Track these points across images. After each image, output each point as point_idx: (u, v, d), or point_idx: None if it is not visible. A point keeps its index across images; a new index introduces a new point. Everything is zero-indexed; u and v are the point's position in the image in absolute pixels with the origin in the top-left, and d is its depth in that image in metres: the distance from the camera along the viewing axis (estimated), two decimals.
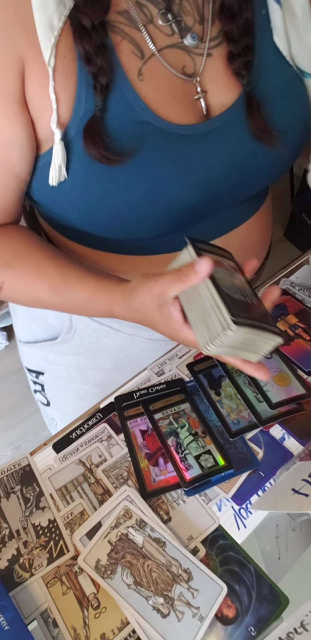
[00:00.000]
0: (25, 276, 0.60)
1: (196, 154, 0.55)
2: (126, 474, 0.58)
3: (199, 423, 0.62)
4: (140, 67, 0.53)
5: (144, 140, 0.53)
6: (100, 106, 0.51)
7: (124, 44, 0.52)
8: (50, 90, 0.50)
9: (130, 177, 0.53)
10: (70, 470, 0.59)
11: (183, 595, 0.47)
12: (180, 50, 0.55)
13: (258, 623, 0.46)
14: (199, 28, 0.55)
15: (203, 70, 0.56)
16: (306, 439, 0.60)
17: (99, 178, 0.53)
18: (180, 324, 0.49)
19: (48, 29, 0.49)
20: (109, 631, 0.46)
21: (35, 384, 0.91)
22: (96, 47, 0.49)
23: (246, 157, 0.58)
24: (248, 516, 0.54)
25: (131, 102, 0.52)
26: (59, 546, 0.52)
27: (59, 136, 0.52)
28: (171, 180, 0.54)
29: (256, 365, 0.50)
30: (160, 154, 0.53)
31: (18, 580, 0.50)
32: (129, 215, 0.56)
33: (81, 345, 0.78)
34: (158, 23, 0.53)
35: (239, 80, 0.55)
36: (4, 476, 0.59)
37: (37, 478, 0.59)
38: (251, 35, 0.55)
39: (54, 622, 0.47)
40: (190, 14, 0.55)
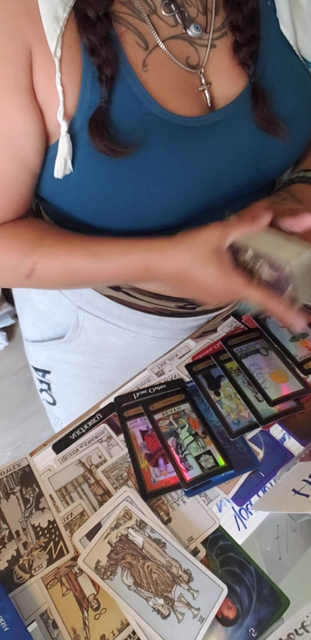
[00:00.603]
0: (57, 249, 0.58)
1: (201, 146, 0.55)
2: (125, 474, 0.58)
3: (199, 423, 0.62)
4: (144, 58, 0.52)
5: (149, 132, 0.53)
6: (105, 98, 0.50)
7: (128, 34, 0.52)
8: (57, 81, 0.50)
9: (135, 169, 0.53)
10: (70, 471, 0.59)
11: (183, 596, 0.47)
12: (184, 41, 0.54)
13: (258, 624, 0.46)
14: (203, 19, 0.55)
15: (207, 62, 0.56)
16: (306, 439, 0.60)
17: (104, 171, 0.53)
18: (231, 268, 0.52)
19: (53, 20, 0.48)
20: (109, 632, 0.46)
21: (41, 382, 0.91)
22: (101, 38, 0.49)
23: (252, 149, 0.58)
24: (248, 517, 0.54)
25: (136, 93, 0.52)
26: (59, 547, 0.52)
27: (66, 128, 0.51)
28: (175, 172, 0.54)
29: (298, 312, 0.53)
30: (165, 146, 0.53)
31: (18, 581, 0.50)
32: (135, 208, 0.56)
33: (87, 343, 0.78)
34: (161, 13, 0.53)
35: (245, 70, 0.55)
36: (3, 477, 0.59)
37: (36, 479, 0.59)
38: (256, 24, 0.55)
39: (53, 624, 0.47)
40: (193, 5, 0.54)
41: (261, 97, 0.55)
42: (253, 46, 0.55)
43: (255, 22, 0.55)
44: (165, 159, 0.53)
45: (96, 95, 0.51)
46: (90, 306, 0.74)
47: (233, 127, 0.56)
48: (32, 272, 0.59)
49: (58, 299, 0.76)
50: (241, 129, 0.57)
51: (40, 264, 0.59)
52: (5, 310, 2.09)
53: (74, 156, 0.53)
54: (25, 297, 0.82)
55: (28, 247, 0.59)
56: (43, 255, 0.58)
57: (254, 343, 0.71)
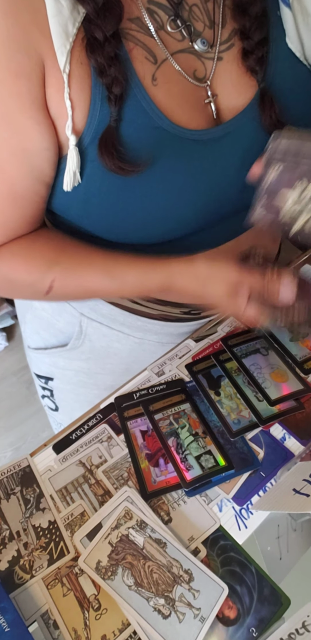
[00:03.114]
0: (75, 268, 0.59)
1: (209, 159, 0.55)
2: (126, 474, 0.58)
3: (199, 423, 0.62)
4: (153, 72, 0.53)
5: (159, 147, 0.53)
6: (115, 117, 0.51)
7: (137, 50, 0.52)
8: (66, 96, 0.50)
9: (144, 185, 0.53)
10: (70, 471, 0.59)
11: (184, 596, 0.47)
12: (191, 55, 0.55)
13: (259, 624, 0.46)
14: (209, 33, 0.55)
15: (213, 75, 0.56)
16: (307, 439, 0.60)
17: (114, 186, 0.53)
18: (244, 306, 0.54)
19: (63, 35, 0.48)
20: (110, 632, 0.46)
21: (44, 389, 0.91)
22: (109, 59, 0.49)
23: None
24: (248, 517, 0.54)
25: (146, 108, 0.52)
26: (60, 547, 0.52)
27: (74, 142, 0.51)
28: (184, 185, 0.55)
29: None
30: (174, 160, 0.54)
31: (18, 581, 0.50)
32: (144, 221, 0.56)
33: (91, 350, 0.78)
34: (168, 29, 0.54)
35: (253, 77, 0.55)
36: (3, 477, 0.59)
37: (37, 479, 0.59)
38: (264, 29, 0.55)
39: (54, 624, 0.47)
40: (200, 19, 0.55)
41: (270, 103, 0.55)
42: (261, 51, 0.55)
43: (263, 27, 0.55)
44: (174, 173, 0.54)
45: (106, 112, 0.51)
46: (93, 313, 0.74)
47: (241, 139, 0.56)
48: (51, 290, 0.60)
49: (61, 307, 0.76)
50: (250, 139, 0.57)
51: (59, 281, 0.59)
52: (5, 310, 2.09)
53: (83, 170, 0.53)
54: (28, 305, 0.82)
55: (46, 264, 0.59)
56: (62, 273, 0.59)
57: (254, 343, 0.71)
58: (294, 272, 0.51)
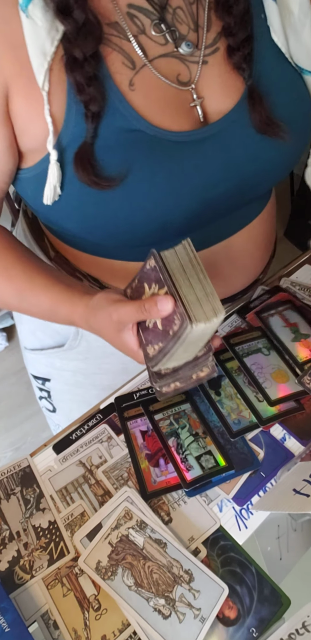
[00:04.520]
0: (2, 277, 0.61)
1: (190, 161, 0.55)
2: (126, 474, 0.58)
3: (199, 423, 0.62)
4: (131, 78, 0.52)
5: (138, 149, 0.53)
6: (91, 133, 0.51)
7: (114, 55, 0.52)
8: (46, 113, 0.50)
9: (124, 186, 0.53)
10: (70, 472, 0.59)
11: (184, 597, 0.47)
12: (174, 58, 0.54)
13: (259, 624, 0.46)
14: (194, 36, 0.55)
15: (198, 78, 0.55)
16: (307, 439, 0.60)
17: (92, 190, 0.53)
18: (136, 348, 0.52)
19: (40, 55, 0.49)
20: (110, 633, 0.46)
21: (41, 390, 0.91)
22: (88, 78, 0.49)
23: (249, 159, 0.57)
24: (249, 517, 0.54)
25: (123, 111, 0.52)
26: (60, 548, 0.52)
27: (56, 157, 0.52)
28: (166, 187, 0.54)
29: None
30: (153, 162, 0.53)
31: (18, 582, 0.50)
32: (126, 222, 0.56)
33: (88, 350, 0.78)
34: (151, 33, 0.53)
35: (240, 74, 0.55)
36: (4, 477, 0.59)
37: (37, 479, 0.59)
38: (249, 26, 0.54)
39: (54, 624, 0.47)
40: (184, 22, 0.54)
41: (258, 100, 0.55)
42: (247, 49, 0.54)
43: (248, 24, 0.54)
44: (153, 174, 0.53)
45: (81, 127, 0.51)
46: None
47: (227, 140, 0.56)
48: None
49: None
50: (237, 140, 0.56)
51: None
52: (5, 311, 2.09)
53: (61, 177, 0.54)
54: None
55: None
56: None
57: (256, 342, 0.71)
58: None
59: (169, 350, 0.46)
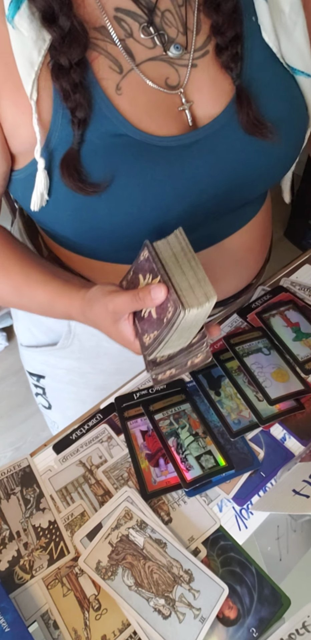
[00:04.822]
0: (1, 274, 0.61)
1: (178, 166, 0.54)
2: (126, 474, 0.58)
3: (199, 423, 0.62)
4: (118, 82, 0.52)
5: (124, 154, 0.52)
6: (78, 139, 0.51)
7: (100, 59, 0.51)
8: (34, 122, 0.50)
9: (110, 190, 0.53)
10: (70, 471, 0.59)
11: (184, 597, 0.47)
12: (163, 62, 0.54)
13: (259, 624, 0.46)
14: (183, 39, 0.54)
15: (188, 82, 0.55)
16: (307, 439, 0.60)
17: (79, 196, 0.53)
18: (132, 338, 0.52)
19: (28, 64, 0.49)
20: (110, 633, 0.46)
21: (36, 387, 0.91)
22: (74, 85, 0.49)
23: (238, 163, 0.57)
24: (249, 517, 0.54)
25: (109, 116, 0.51)
26: (60, 547, 0.52)
27: (43, 165, 0.51)
28: (151, 193, 0.54)
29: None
30: (138, 167, 0.53)
31: (18, 581, 0.50)
32: (113, 227, 0.56)
33: (81, 350, 0.78)
34: (140, 37, 0.53)
35: (228, 74, 0.55)
36: (4, 477, 0.59)
37: (37, 479, 0.59)
38: (238, 25, 0.54)
39: (54, 624, 0.47)
40: (173, 25, 0.54)
41: (247, 100, 0.54)
42: (235, 48, 0.54)
43: (236, 23, 0.54)
44: (140, 180, 0.53)
45: (67, 132, 0.51)
46: None
47: (216, 144, 0.55)
48: None
49: None
50: (226, 144, 0.56)
51: None
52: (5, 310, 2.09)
53: (49, 182, 0.54)
54: None
55: None
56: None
57: (256, 342, 0.71)
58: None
59: (164, 338, 0.47)
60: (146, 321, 0.49)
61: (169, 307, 0.46)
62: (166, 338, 0.47)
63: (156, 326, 0.48)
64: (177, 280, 0.47)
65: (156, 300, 0.46)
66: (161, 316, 0.47)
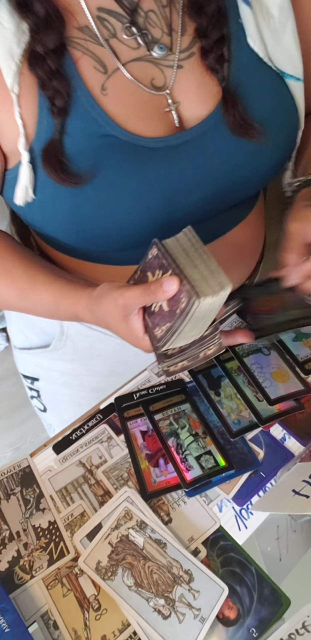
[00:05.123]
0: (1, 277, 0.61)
1: (164, 166, 0.54)
2: (126, 475, 0.58)
3: (199, 424, 0.62)
4: (103, 82, 0.52)
5: (110, 154, 0.52)
6: (58, 129, 0.50)
7: (85, 59, 0.51)
8: (16, 115, 0.50)
9: (94, 192, 0.53)
10: (70, 472, 0.59)
11: (184, 597, 0.47)
12: (148, 63, 0.54)
13: (259, 624, 0.46)
14: (168, 40, 0.54)
15: (174, 83, 0.55)
16: (307, 440, 0.60)
17: (64, 193, 0.53)
18: (142, 334, 0.51)
19: (8, 56, 0.48)
20: (110, 633, 0.46)
21: (31, 389, 0.91)
22: (51, 72, 0.49)
23: (226, 165, 0.56)
24: (248, 517, 0.54)
25: (95, 116, 0.51)
26: (60, 548, 0.52)
27: (27, 159, 0.51)
28: (138, 192, 0.54)
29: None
30: (125, 167, 0.53)
31: (18, 582, 0.50)
32: (100, 226, 0.56)
33: (75, 351, 0.77)
34: (122, 37, 0.52)
35: (214, 76, 0.54)
36: (3, 478, 0.59)
37: (37, 479, 0.59)
38: (223, 27, 0.53)
39: (54, 624, 0.47)
40: (157, 26, 0.53)
41: (233, 102, 0.54)
42: (220, 50, 0.53)
43: (221, 25, 0.53)
44: (126, 179, 0.53)
45: (49, 123, 0.51)
46: None
47: (204, 146, 0.55)
48: None
49: None
50: (214, 146, 0.55)
51: None
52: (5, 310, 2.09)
53: (35, 179, 0.54)
54: None
55: None
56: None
57: (256, 342, 0.71)
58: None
59: (177, 328, 0.47)
60: (157, 315, 0.49)
61: (183, 298, 0.45)
62: (179, 329, 0.47)
63: (169, 318, 0.47)
64: (189, 272, 0.46)
65: (168, 292, 0.45)
66: (173, 308, 0.46)
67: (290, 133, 0.60)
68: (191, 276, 0.46)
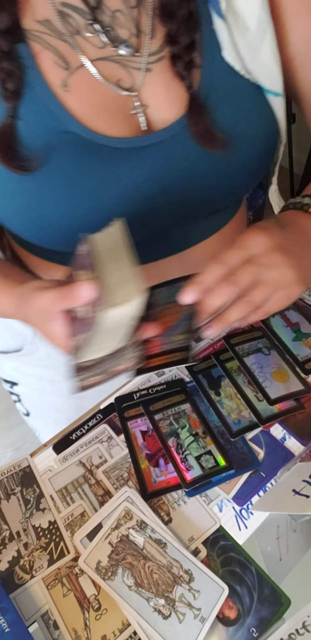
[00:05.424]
0: None
1: (125, 167, 0.53)
2: (126, 474, 0.58)
3: (199, 423, 0.62)
4: (65, 78, 0.51)
5: (68, 149, 0.51)
6: (11, 113, 0.49)
7: (45, 54, 0.50)
8: None
9: (50, 184, 0.52)
10: (70, 472, 0.59)
11: (184, 597, 0.47)
12: (115, 63, 0.53)
13: (259, 624, 0.46)
14: (136, 42, 0.53)
15: (142, 85, 0.53)
16: (307, 439, 0.60)
17: (22, 185, 0.52)
18: (63, 341, 0.48)
19: None
20: (110, 633, 0.46)
21: (12, 394, 0.88)
22: (2, 52, 0.48)
23: (193, 172, 0.55)
24: (249, 517, 0.54)
25: (54, 112, 0.50)
26: (60, 548, 0.52)
27: None
28: (94, 190, 0.53)
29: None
30: (83, 164, 0.52)
31: (18, 582, 0.50)
32: (59, 225, 0.54)
33: (48, 356, 0.75)
34: (85, 34, 0.51)
35: (183, 83, 0.53)
36: (4, 477, 0.59)
37: (37, 479, 0.59)
38: (192, 33, 0.52)
39: (54, 624, 0.47)
40: (125, 27, 0.52)
41: (198, 110, 0.52)
42: (189, 56, 0.52)
43: (191, 31, 0.51)
44: (83, 176, 0.52)
45: (3, 109, 0.50)
46: None
47: (169, 151, 0.54)
48: None
49: None
50: (181, 152, 0.54)
51: None
52: None
53: None
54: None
55: None
56: None
57: (256, 342, 0.71)
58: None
59: (88, 340, 0.43)
60: (77, 322, 0.45)
61: (94, 307, 0.41)
62: (91, 340, 0.43)
63: (83, 328, 0.43)
64: (107, 276, 0.41)
65: (80, 298, 0.41)
66: (88, 315, 0.42)
67: (266, 146, 0.58)
68: (107, 281, 0.41)
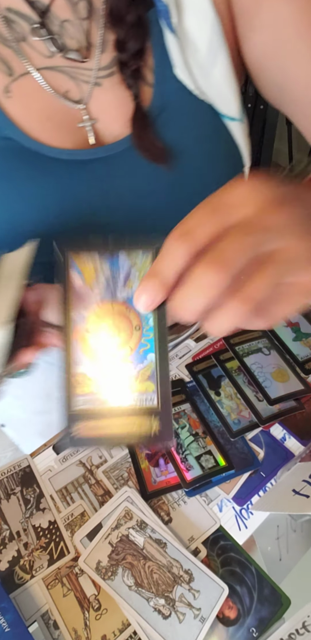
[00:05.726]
0: None
1: (67, 180, 0.52)
2: (126, 474, 0.58)
3: (199, 423, 0.62)
4: (7, 84, 0.50)
5: (6, 156, 0.51)
6: None
7: None
8: None
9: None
10: (70, 472, 0.59)
11: (184, 597, 0.47)
12: (63, 74, 0.52)
13: (259, 624, 0.46)
14: (86, 54, 0.52)
15: (91, 99, 0.53)
16: (307, 439, 0.60)
17: None
18: None
19: None
20: (110, 633, 0.46)
21: None
22: None
23: (140, 190, 0.54)
24: (249, 517, 0.54)
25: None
26: (60, 547, 0.52)
27: None
28: (34, 202, 0.52)
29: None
30: (24, 172, 0.51)
31: (18, 582, 0.50)
32: (6, 233, 0.53)
33: None
34: (32, 40, 0.50)
35: (131, 91, 0.52)
36: (4, 477, 0.59)
37: (37, 479, 0.59)
38: (141, 39, 0.50)
39: (54, 624, 0.47)
40: (74, 38, 0.51)
41: (143, 121, 0.51)
42: (135, 64, 0.51)
43: (139, 38, 0.50)
44: (23, 187, 0.51)
45: None
46: None
47: (115, 167, 0.53)
48: None
49: None
50: (127, 168, 0.53)
51: None
52: None
53: None
54: None
55: None
56: None
57: (256, 342, 0.71)
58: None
59: None
60: None
61: None
62: None
63: None
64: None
65: None
66: None
67: (224, 166, 0.57)
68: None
